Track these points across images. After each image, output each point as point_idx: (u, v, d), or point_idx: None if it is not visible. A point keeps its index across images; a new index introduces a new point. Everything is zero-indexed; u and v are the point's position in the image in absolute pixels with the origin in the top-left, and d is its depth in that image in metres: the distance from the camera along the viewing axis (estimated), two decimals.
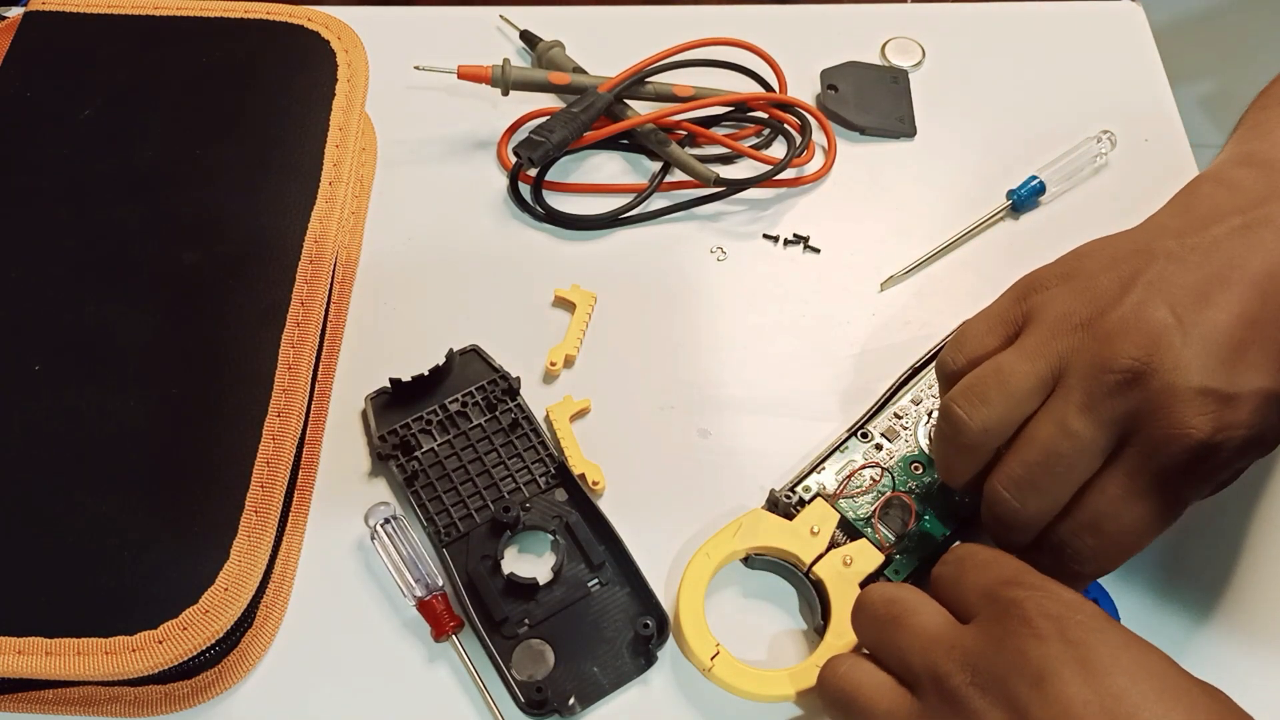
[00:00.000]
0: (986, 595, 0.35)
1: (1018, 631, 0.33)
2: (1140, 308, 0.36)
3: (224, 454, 0.40)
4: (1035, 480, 0.37)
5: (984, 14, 0.62)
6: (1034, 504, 0.37)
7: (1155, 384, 0.35)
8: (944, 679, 0.33)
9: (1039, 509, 0.37)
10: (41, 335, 0.42)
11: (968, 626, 0.35)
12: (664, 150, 0.54)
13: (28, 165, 0.47)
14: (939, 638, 0.35)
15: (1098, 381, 0.36)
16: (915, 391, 0.47)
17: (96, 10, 0.51)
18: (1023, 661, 0.32)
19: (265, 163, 0.47)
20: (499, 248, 0.52)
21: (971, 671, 0.33)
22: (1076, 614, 0.33)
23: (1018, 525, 0.38)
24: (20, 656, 0.36)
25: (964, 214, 0.54)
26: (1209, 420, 0.35)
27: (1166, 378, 0.35)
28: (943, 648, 0.34)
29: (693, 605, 0.41)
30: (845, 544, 0.43)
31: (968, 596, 0.36)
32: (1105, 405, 0.36)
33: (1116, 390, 0.36)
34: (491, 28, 0.60)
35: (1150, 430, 0.35)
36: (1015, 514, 0.38)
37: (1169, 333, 0.36)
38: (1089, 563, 0.37)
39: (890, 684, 0.36)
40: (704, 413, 0.48)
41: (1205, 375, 0.35)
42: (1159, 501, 0.36)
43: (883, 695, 0.35)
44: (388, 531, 0.43)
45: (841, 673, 0.37)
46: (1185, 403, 0.35)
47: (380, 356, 0.48)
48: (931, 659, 0.34)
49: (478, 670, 0.41)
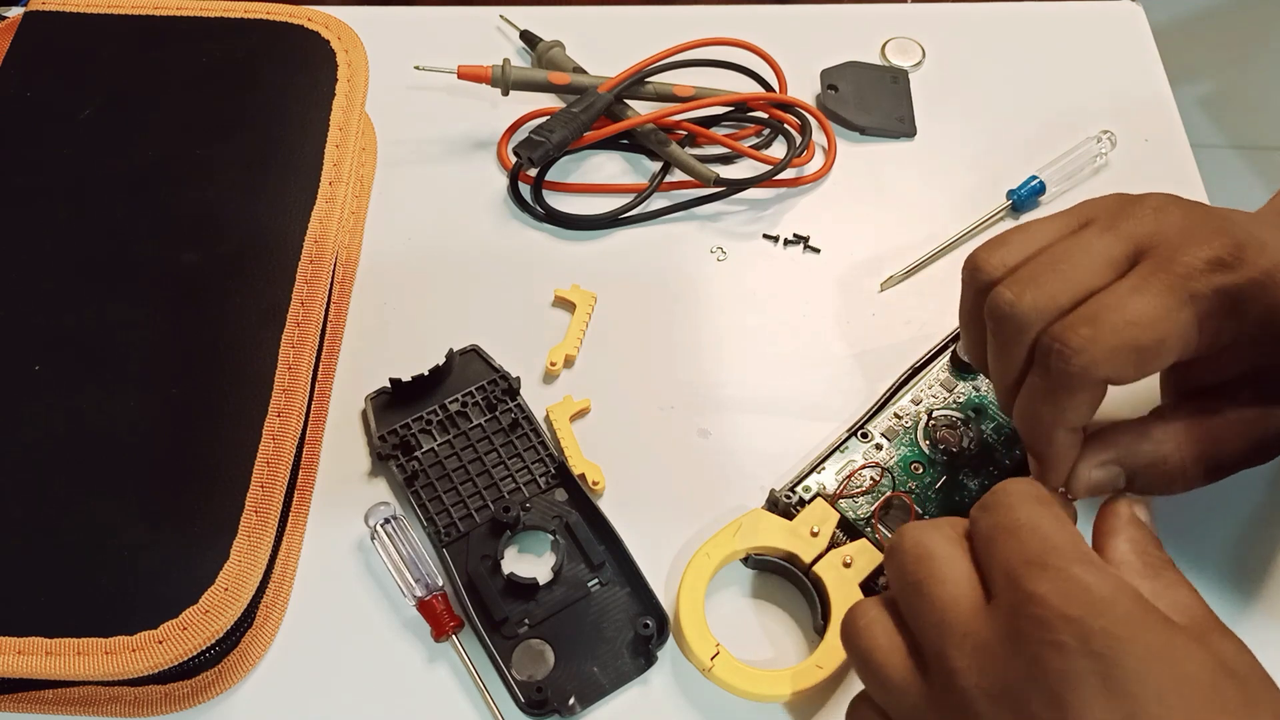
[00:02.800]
0: (1007, 575, 0.32)
1: (1036, 633, 0.30)
2: (1203, 207, 0.38)
3: (224, 454, 0.40)
4: (1036, 275, 0.36)
5: (984, 14, 0.62)
6: (1029, 297, 0.35)
7: (1184, 211, 0.37)
8: (954, 676, 0.31)
9: (1034, 302, 0.35)
10: (41, 335, 0.42)
11: (986, 610, 0.32)
12: (664, 150, 0.54)
13: (28, 165, 0.47)
14: (956, 620, 0.32)
15: (1126, 212, 0.37)
16: (915, 391, 0.47)
17: (96, 10, 0.51)
18: (1040, 674, 0.29)
19: (265, 162, 0.47)
20: (499, 248, 0.52)
21: (981, 674, 0.31)
22: (1101, 616, 0.29)
23: (1011, 327, 0.36)
24: (20, 656, 0.36)
25: (964, 214, 0.54)
26: (1225, 242, 0.35)
27: (1196, 212, 0.36)
28: (956, 634, 0.32)
29: (693, 605, 0.41)
30: (845, 544, 0.43)
31: (992, 567, 0.33)
32: (1128, 225, 0.37)
33: (1144, 217, 0.37)
34: (491, 28, 0.60)
35: (1169, 242, 0.36)
36: (1010, 306, 0.36)
37: (1220, 213, 0.37)
38: (1078, 354, 0.34)
39: (903, 656, 0.33)
40: (704, 413, 0.48)
41: (1238, 220, 0.36)
42: (1169, 300, 0.35)
43: (894, 667, 0.33)
44: (388, 531, 0.43)
45: (862, 626, 0.35)
46: (1210, 225, 0.36)
47: (380, 356, 0.48)
48: (943, 645, 0.32)
49: (478, 670, 0.41)
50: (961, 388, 0.47)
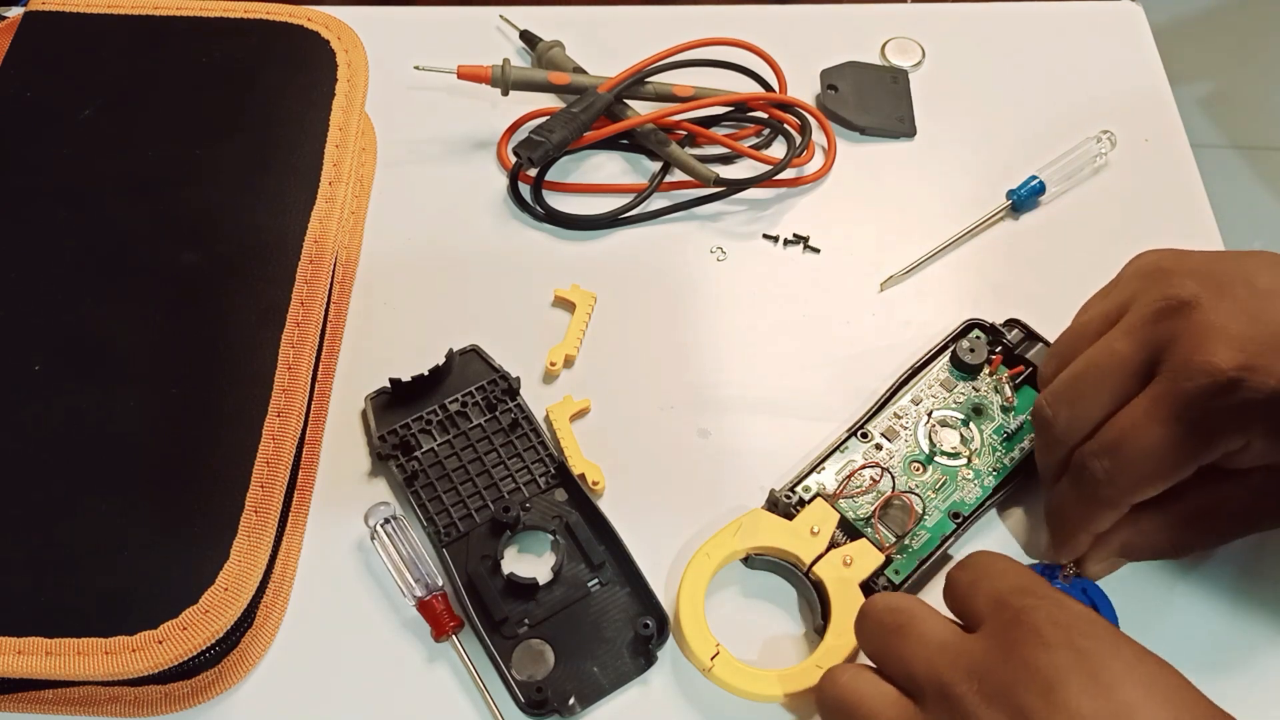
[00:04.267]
0: (996, 602, 0.34)
1: (1026, 640, 0.32)
2: (1220, 266, 0.37)
3: (224, 454, 0.40)
4: (1068, 392, 0.38)
5: (984, 14, 0.62)
6: (1064, 416, 0.39)
7: (1198, 316, 0.36)
8: (949, 688, 0.33)
9: (1069, 422, 0.39)
10: (41, 335, 0.42)
11: (974, 635, 0.34)
12: (664, 150, 0.54)
13: (28, 165, 0.47)
14: (944, 646, 0.34)
15: (1148, 307, 0.37)
16: (915, 391, 0.47)
17: (96, 10, 0.51)
18: (1031, 671, 0.31)
19: (265, 163, 0.47)
20: (499, 248, 0.52)
21: (978, 681, 0.32)
22: (1086, 625, 0.32)
23: (1050, 438, 0.40)
24: (20, 656, 0.36)
25: (964, 214, 0.54)
26: (1239, 356, 0.35)
27: (1211, 313, 0.36)
28: (948, 656, 0.34)
29: (693, 605, 0.41)
30: (845, 544, 0.43)
31: (978, 603, 0.35)
32: (1147, 329, 0.37)
33: (1161, 316, 0.37)
34: (491, 28, 0.60)
35: (1179, 354, 0.36)
36: (1048, 424, 0.39)
37: (1235, 286, 0.36)
38: (1104, 486, 0.38)
39: (893, 695, 0.35)
40: (704, 413, 0.48)
41: (1252, 321, 0.36)
42: (1179, 430, 0.36)
43: (886, 706, 0.35)
44: (388, 531, 0.43)
45: (843, 683, 0.36)
46: (1219, 336, 0.35)
47: (380, 356, 0.48)
48: (936, 668, 0.33)
49: (478, 670, 0.41)
50: (961, 388, 0.47)
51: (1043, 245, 0.53)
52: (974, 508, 0.44)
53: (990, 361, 0.47)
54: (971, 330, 0.49)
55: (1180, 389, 0.36)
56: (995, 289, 0.52)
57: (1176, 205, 0.54)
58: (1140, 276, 0.39)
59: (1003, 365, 0.47)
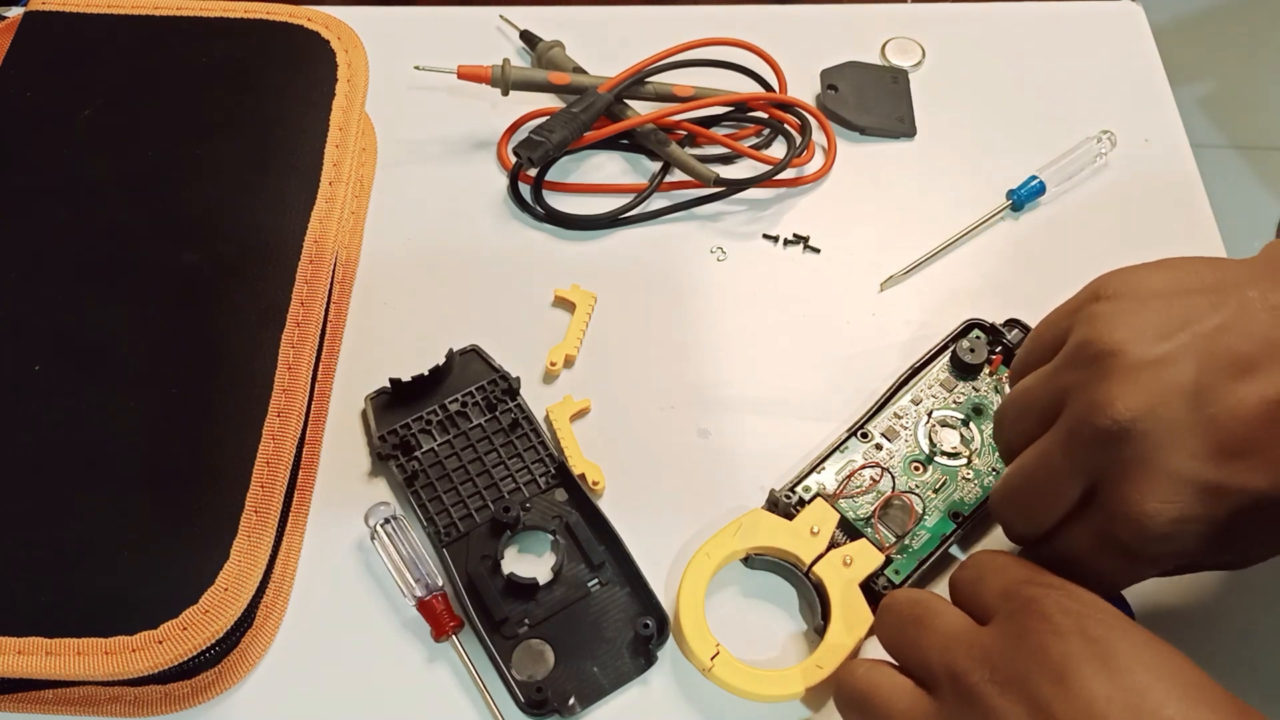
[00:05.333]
0: (1005, 595, 0.34)
1: (1037, 628, 0.32)
2: (1164, 361, 0.32)
3: (224, 454, 0.40)
4: (1017, 499, 0.37)
5: (984, 14, 0.62)
6: (1018, 522, 0.38)
7: (1133, 451, 0.32)
8: (962, 677, 0.33)
9: (1024, 527, 0.38)
10: (41, 335, 0.42)
11: (987, 627, 0.34)
12: (664, 150, 0.54)
13: (28, 165, 0.47)
14: (958, 636, 0.34)
15: (1083, 425, 0.33)
16: (915, 391, 0.47)
17: (96, 10, 0.51)
18: (1043, 658, 0.32)
19: (265, 163, 0.47)
20: (499, 248, 0.52)
21: (991, 669, 0.32)
22: (1096, 613, 0.32)
23: (1010, 536, 0.39)
24: (20, 656, 0.36)
25: (964, 214, 0.54)
26: (1172, 509, 0.32)
27: (1147, 450, 0.32)
28: (962, 646, 0.34)
29: (693, 605, 0.41)
30: (845, 544, 0.43)
31: (986, 597, 0.35)
32: (1083, 453, 0.34)
33: (1097, 442, 0.33)
34: (491, 28, 0.60)
35: (1112, 498, 0.33)
36: (1004, 526, 0.39)
37: (1178, 400, 0.32)
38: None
39: (908, 685, 0.35)
40: (704, 413, 0.48)
41: (1191, 460, 0.32)
42: (1121, 564, 0.35)
43: (900, 696, 0.35)
44: (388, 531, 0.43)
45: (859, 674, 0.37)
46: (1153, 483, 0.32)
47: (380, 356, 0.48)
48: (949, 657, 0.34)
49: (478, 670, 0.41)
50: (961, 388, 0.47)
51: (1043, 245, 0.53)
52: (974, 508, 0.44)
53: (990, 361, 0.48)
54: (971, 330, 0.49)
55: (1117, 536, 0.34)
56: (995, 289, 0.52)
57: (1176, 205, 0.54)
58: (1084, 364, 0.34)
59: (1003, 365, 0.47)
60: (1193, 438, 0.32)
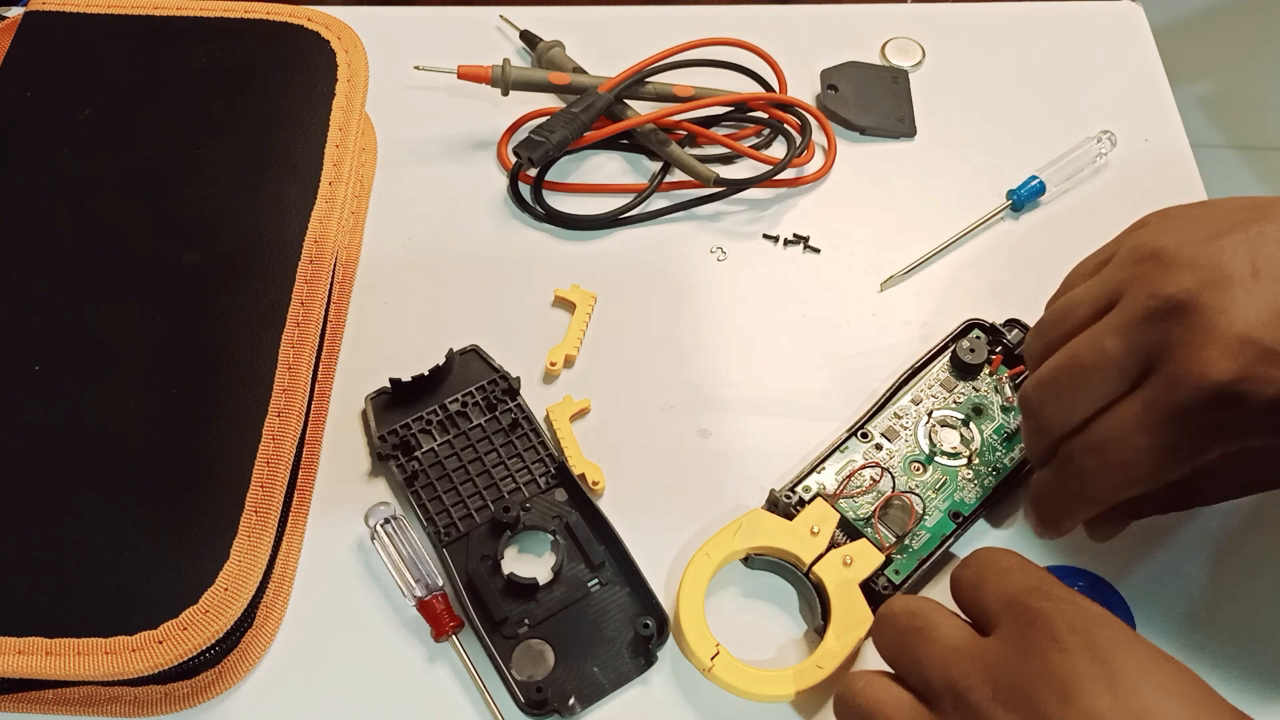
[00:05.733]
0: (1009, 604, 0.34)
1: (1042, 645, 0.32)
2: (1218, 249, 0.35)
3: (224, 454, 0.40)
4: (1056, 385, 0.37)
5: (984, 14, 0.62)
6: (1051, 409, 0.37)
7: (1194, 320, 0.34)
8: (965, 694, 0.32)
9: (1055, 415, 0.37)
10: (41, 335, 0.42)
11: (990, 639, 0.33)
12: (664, 150, 0.54)
13: (28, 165, 0.47)
14: (960, 649, 0.34)
15: (1141, 304, 0.35)
16: (915, 391, 0.47)
17: (96, 10, 0.51)
18: (1048, 676, 0.31)
19: (265, 163, 0.47)
20: (499, 248, 0.52)
21: (994, 687, 0.32)
22: (1103, 628, 0.32)
23: (1036, 427, 0.39)
24: (20, 656, 0.36)
25: (964, 214, 0.54)
26: (1236, 366, 0.33)
27: (1208, 316, 0.33)
28: (964, 660, 0.33)
29: (693, 605, 0.41)
30: (845, 544, 0.43)
31: (988, 603, 0.35)
32: (1140, 329, 0.35)
33: (1155, 316, 0.34)
34: (491, 28, 0.60)
35: (1174, 363, 0.34)
36: (1033, 414, 0.38)
37: (1235, 277, 0.34)
38: (1089, 485, 0.37)
39: (909, 701, 0.34)
40: (704, 413, 0.48)
41: (1251, 324, 0.33)
42: (1168, 439, 0.35)
43: (901, 711, 0.34)
44: (388, 531, 0.43)
45: (859, 688, 0.36)
46: (1216, 344, 0.33)
47: (380, 356, 0.48)
48: (952, 672, 0.33)
49: (478, 670, 0.41)
50: (962, 388, 0.47)
51: (1043, 245, 0.53)
52: (974, 508, 0.44)
53: (990, 361, 0.48)
54: (972, 330, 0.49)
55: (1174, 400, 0.34)
56: (995, 289, 0.52)
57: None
58: (1136, 261, 0.36)
59: (1003, 365, 0.47)
60: (1254, 304, 0.33)
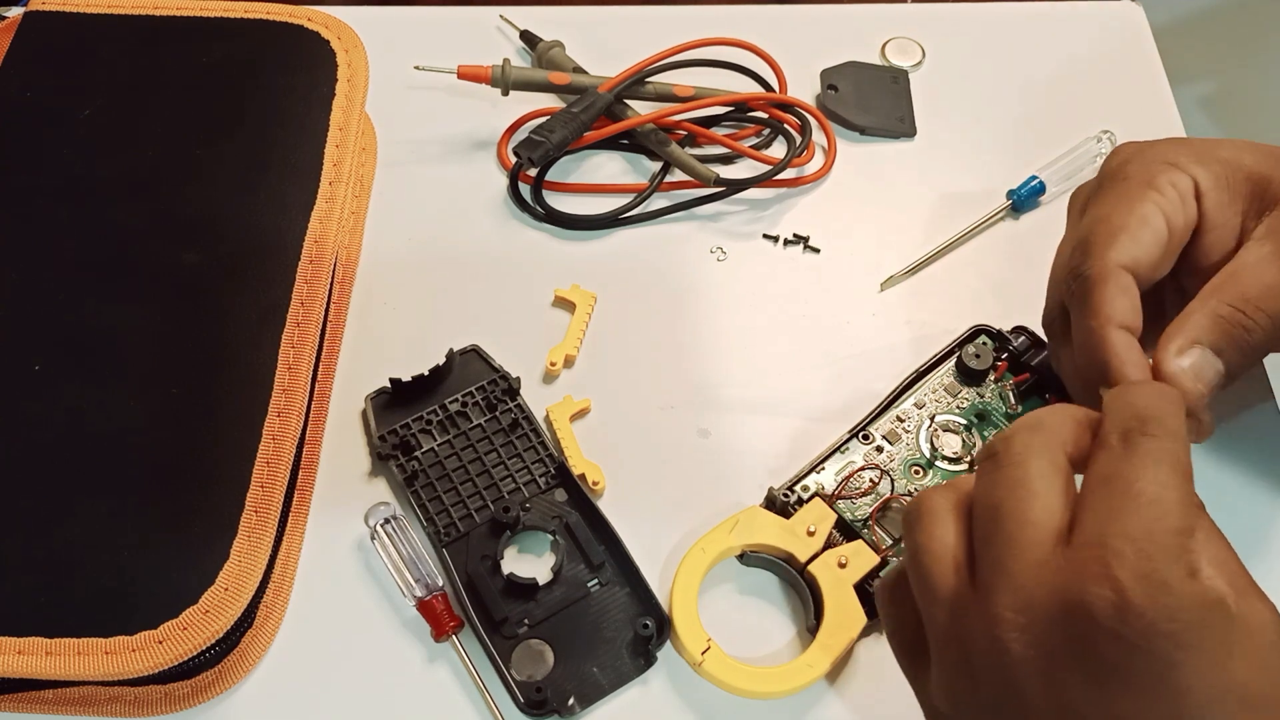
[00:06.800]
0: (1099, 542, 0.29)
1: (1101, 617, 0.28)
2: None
3: (224, 454, 0.40)
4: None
5: (984, 14, 0.62)
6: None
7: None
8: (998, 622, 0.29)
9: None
10: (41, 335, 0.42)
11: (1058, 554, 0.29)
12: (664, 150, 0.54)
13: (28, 165, 0.47)
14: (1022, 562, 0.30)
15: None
16: (919, 395, 0.47)
17: (96, 10, 0.51)
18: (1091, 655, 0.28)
19: (265, 163, 0.47)
20: (499, 248, 0.52)
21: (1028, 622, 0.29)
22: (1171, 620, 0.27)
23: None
24: (20, 656, 0.36)
25: (964, 214, 0.54)
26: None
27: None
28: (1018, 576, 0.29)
29: (686, 600, 0.41)
30: (841, 544, 0.43)
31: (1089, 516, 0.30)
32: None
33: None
34: (491, 28, 0.60)
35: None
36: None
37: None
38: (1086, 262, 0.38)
39: (954, 568, 0.31)
40: (704, 413, 0.48)
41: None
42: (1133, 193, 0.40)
43: (942, 575, 0.31)
44: (388, 531, 0.43)
45: (924, 516, 0.33)
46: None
47: (380, 356, 0.48)
48: (999, 583, 0.30)
49: (478, 670, 0.41)
50: (965, 393, 0.47)
51: (1043, 245, 0.53)
52: None
53: (995, 368, 0.47)
54: (978, 336, 0.48)
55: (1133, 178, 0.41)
56: (995, 289, 0.52)
57: None
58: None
59: (1008, 372, 0.47)
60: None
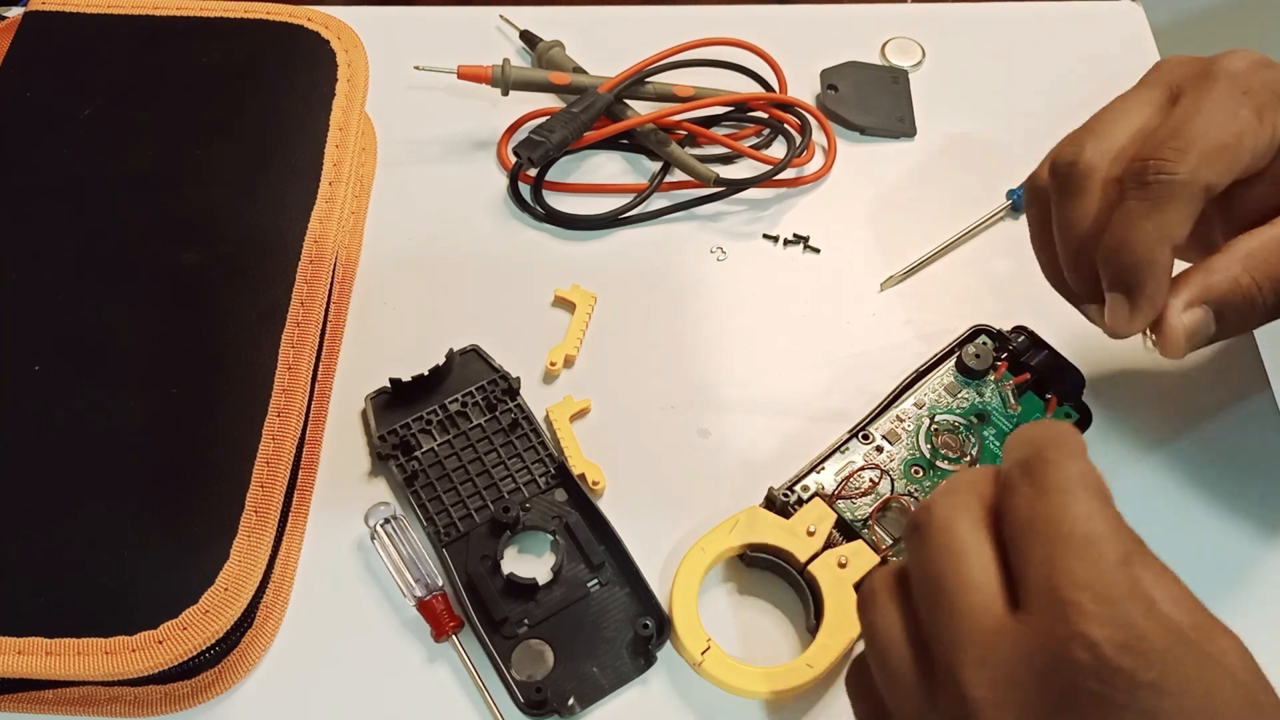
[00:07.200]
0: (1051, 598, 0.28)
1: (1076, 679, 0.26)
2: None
3: (224, 454, 0.40)
4: (1089, 129, 0.39)
5: (984, 14, 0.62)
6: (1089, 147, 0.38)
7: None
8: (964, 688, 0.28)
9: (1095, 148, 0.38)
10: (41, 335, 0.42)
11: (1012, 624, 0.28)
12: (664, 150, 0.54)
13: (28, 165, 0.47)
14: (975, 633, 0.29)
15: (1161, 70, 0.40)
16: (919, 395, 0.47)
17: (96, 10, 0.51)
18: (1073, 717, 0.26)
19: (265, 163, 0.47)
20: (499, 248, 0.52)
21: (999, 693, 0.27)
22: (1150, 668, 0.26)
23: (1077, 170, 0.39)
24: (20, 656, 0.36)
25: (964, 214, 0.54)
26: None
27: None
28: (974, 650, 0.28)
29: (686, 600, 0.41)
30: (841, 544, 0.43)
31: (1030, 569, 0.29)
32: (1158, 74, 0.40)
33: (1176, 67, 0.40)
34: (491, 28, 0.60)
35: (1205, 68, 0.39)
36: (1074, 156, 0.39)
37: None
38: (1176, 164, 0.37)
39: (907, 649, 0.30)
40: (704, 413, 0.48)
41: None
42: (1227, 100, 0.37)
43: (898, 657, 0.31)
44: (388, 531, 0.43)
45: (871, 599, 0.32)
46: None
47: (380, 356, 0.48)
48: (957, 658, 0.28)
49: (477, 670, 0.41)
50: (965, 393, 0.47)
51: None
52: None
53: (995, 368, 0.47)
54: (978, 336, 0.48)
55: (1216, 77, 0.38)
56: (995, 289, 0.52)
57: None
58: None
59: (1008, 372, 0.47)
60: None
